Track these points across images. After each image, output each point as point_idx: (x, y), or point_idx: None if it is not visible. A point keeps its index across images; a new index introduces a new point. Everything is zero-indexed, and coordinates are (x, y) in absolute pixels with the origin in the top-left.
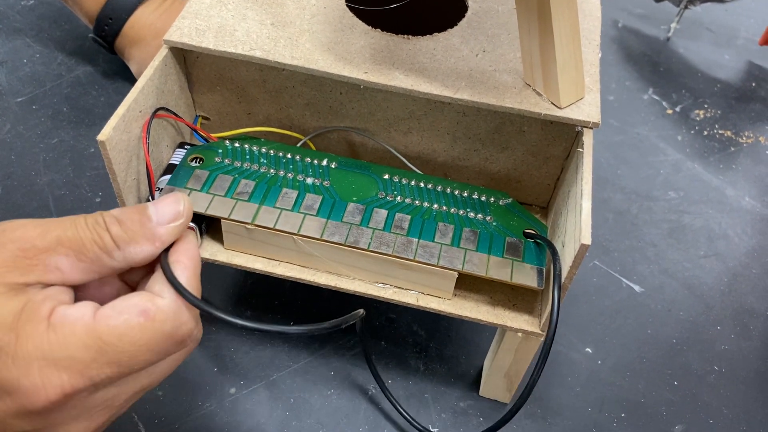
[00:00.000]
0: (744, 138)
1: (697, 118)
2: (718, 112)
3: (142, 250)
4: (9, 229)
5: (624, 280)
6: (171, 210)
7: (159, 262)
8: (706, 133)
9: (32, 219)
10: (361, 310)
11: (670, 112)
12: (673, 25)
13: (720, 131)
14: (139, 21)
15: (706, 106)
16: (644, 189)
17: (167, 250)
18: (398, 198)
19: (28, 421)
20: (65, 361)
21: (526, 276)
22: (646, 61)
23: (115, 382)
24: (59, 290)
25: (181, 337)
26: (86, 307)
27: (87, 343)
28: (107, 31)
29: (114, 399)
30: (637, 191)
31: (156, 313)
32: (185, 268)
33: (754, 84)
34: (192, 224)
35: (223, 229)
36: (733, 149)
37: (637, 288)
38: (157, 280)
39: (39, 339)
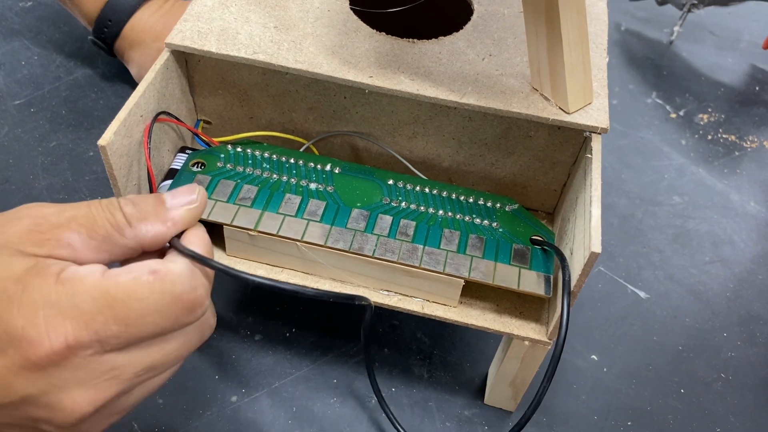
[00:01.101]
0: (748, 142)
1: (701, 122)
2: (722, 116)
3: (153, 228)
4: (26, 207)
5: (629, 286)
6: (185, 197)
7: (172, 249)
8: (710, 137)
9: (49, 203)
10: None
11: (673, 116)
12: (676, 29)
13: (724, 135)
14: (139, 23)
15: (709, 110)
16: (649, 194)
17: (179, 236)
18: (403, 204)
19: (31, 378)
20: (70, 311)
21: (533, 283)
22: (649, 65)
23: (123, 345)
24: (69, 264)
25: (191, 303)
26: (96, 267)
27: (94, 296)
28: (107, 33)
29: (122, 370)
30: (642, 196)
31: (166, 273)
32: (196, 246)
33: (757, 88)
34: None
35: (225, 236)
36: (737, 153)
37: (642, 294)
38: (169, 253)
39: (47, 290)
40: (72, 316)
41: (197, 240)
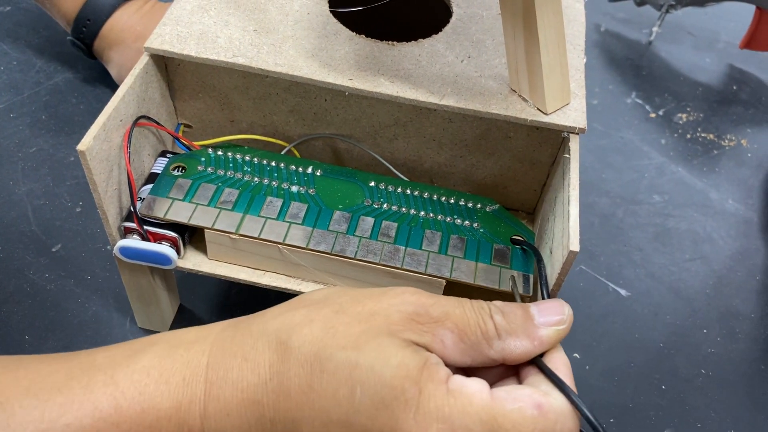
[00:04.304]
0: (726, 141)
1: (680, 122)
2: (701, 115)
3: (521, 345)
4: (407, 293)
5: (610, 284)
6: (555, 314)
7: (531, 365)
8: (689, 136)
9: (422, 290)
10: None
11: (653, 115)
12: (654, 29)
13: (703, 134)
14: (118, 23)
15: (688, 109)
16: (629, 193)
17: (541, 355)
18: (385, 205)
19: None
20: (461, 431)
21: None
22: (628, 65)
23: None
24: (449, 370)
25: None
26: (482, 384)
27: (483, 419)
28: (85, 33)
29: None
30: (622, 195)
31: (549, 410)
32: (564, 376)
33: (735, 87)
34: (174, 235)
35: (206, 239)
36: (716, 152)
37: (623, 292)
38: (541, 381)
39: (440, 400)
40: None
41: (564, 369)
